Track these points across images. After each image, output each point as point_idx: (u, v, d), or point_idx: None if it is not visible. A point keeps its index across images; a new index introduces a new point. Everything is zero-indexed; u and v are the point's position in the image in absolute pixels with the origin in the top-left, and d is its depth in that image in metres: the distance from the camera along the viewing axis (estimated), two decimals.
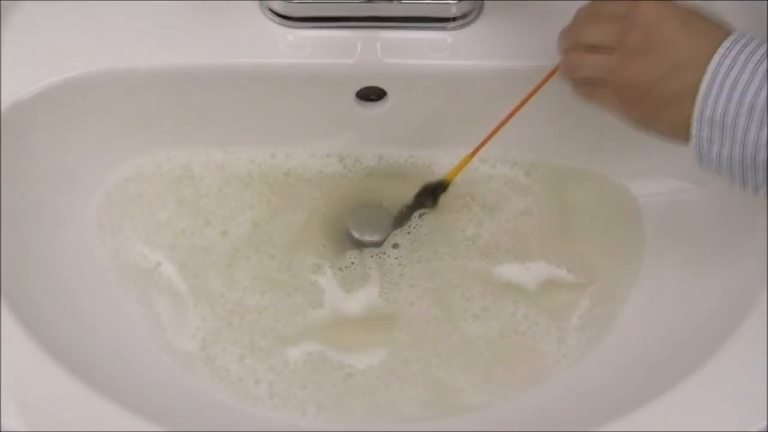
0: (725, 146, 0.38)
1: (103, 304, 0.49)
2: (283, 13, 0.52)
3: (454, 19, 0.52)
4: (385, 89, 0.53)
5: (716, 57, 0.38)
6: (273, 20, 0.53)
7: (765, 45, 0.38)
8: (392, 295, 0.51)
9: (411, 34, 0.52)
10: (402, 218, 0.54)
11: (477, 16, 0.53)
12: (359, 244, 0.53)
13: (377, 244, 0.53)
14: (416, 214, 0.54)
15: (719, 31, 0.39)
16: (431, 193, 0.53)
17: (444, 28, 0.52)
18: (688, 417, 0.40)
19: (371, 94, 0.53)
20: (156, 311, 0.50)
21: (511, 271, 0.52)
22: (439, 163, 0.55)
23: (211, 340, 0.49)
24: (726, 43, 0.38)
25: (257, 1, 0.53)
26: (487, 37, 0.52)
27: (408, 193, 0.54)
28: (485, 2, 0.54)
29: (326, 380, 0.48)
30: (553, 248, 0.53)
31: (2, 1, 0.52)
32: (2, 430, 0.39)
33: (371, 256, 0.53)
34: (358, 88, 0.53)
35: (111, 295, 0.50)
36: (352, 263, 0.52)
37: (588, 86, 0.44)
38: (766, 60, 0.37)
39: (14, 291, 0.43)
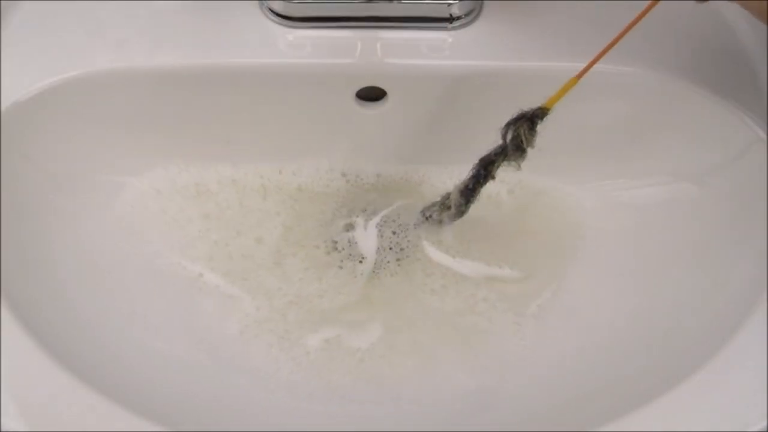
0: None
1: (104, 304, 0.49)
2: (283, 13, 0.52)
3: (454, 19, 0.52)
4: (385, 89, 0.53)
5: None
6: (273, 20, 0.53)
7: None
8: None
9: (411, 34, 0.52)
10: (489, 163, 0.47)
11: (477, 16, 0.53)
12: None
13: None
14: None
15: None
16: (528, 122, 0.45)
17: (444, 28, 0.52)
18: (687, 417, 0.40)
19: (371, 95, 0.54)
20: (183, 312, 0.50)
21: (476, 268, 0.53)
22: (438, 171, 0.56)
23: (252, 331, 0.50)
24: None
25: (257, 1, 0.53)
26: (487, 37, 0.52)
27: (420, 200, 0.54)
28: (485, 2, 0.54)
29: (340, 366, 0.49)
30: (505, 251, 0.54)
31: (2, 1, 0.52)
32: (2, 430, 0.39)
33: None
34: (358, 88, 0.53)
35: (112, 295, 0.50)
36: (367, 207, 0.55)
37: None
38: None
39: (14, 291, 0.43)
